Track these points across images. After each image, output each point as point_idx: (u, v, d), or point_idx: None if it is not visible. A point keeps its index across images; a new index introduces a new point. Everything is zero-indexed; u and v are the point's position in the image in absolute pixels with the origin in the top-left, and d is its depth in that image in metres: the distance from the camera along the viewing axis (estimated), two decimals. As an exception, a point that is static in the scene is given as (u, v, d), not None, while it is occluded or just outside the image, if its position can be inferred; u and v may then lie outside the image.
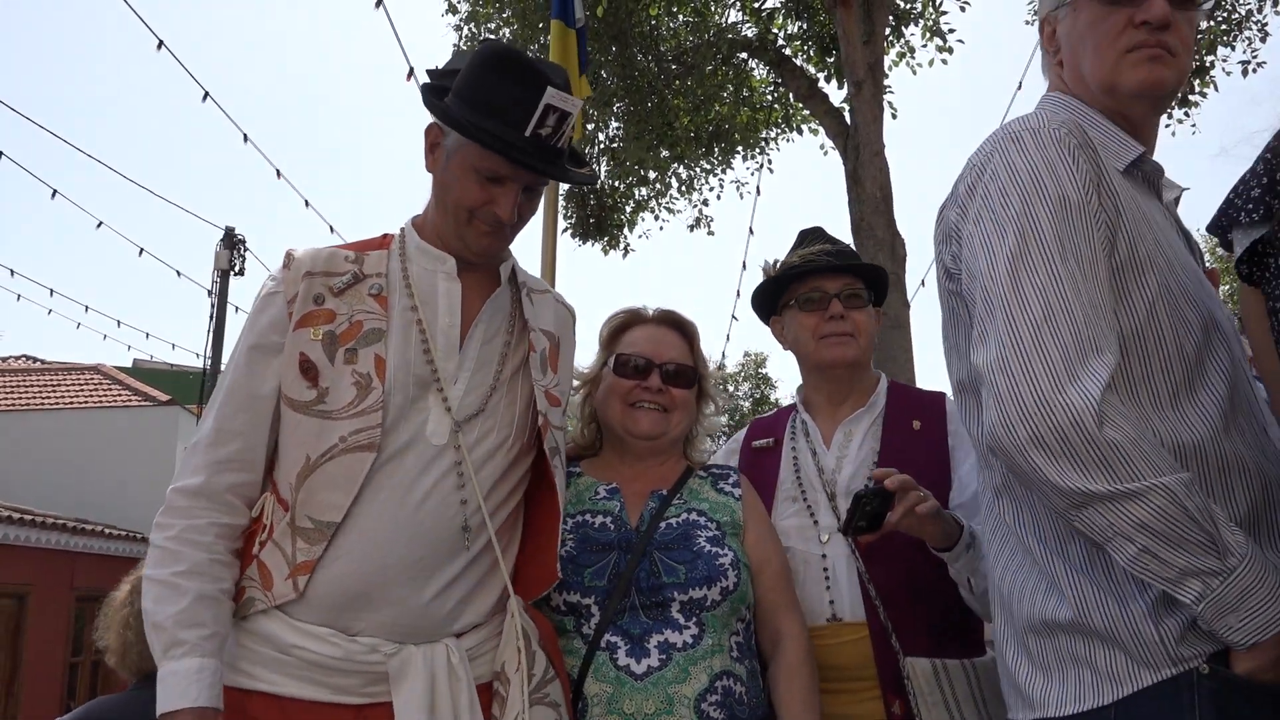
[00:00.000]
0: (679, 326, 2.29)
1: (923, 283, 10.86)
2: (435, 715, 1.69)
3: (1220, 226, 1.45)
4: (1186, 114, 11.28)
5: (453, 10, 12.35)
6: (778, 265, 2.42)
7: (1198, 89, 11.02)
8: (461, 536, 1.75)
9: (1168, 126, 11.47)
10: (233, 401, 1.78)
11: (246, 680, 1.72)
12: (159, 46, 7.62)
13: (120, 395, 21.15)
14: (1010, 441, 1.30)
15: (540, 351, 1.94)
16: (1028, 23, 11.77)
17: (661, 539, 2.06)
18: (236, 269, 17.48)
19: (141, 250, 14.45)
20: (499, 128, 1.72)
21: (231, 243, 17.61)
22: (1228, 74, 10.94)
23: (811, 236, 2.42)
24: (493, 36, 11.27)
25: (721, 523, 2.11)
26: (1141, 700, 1.34)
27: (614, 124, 12.27)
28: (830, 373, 2.35)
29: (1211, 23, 10.40)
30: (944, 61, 11.51)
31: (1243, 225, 1.40)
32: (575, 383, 2.27)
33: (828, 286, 2.32)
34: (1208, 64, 10.87)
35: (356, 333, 1.78)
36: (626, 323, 2.31)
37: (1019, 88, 10.46)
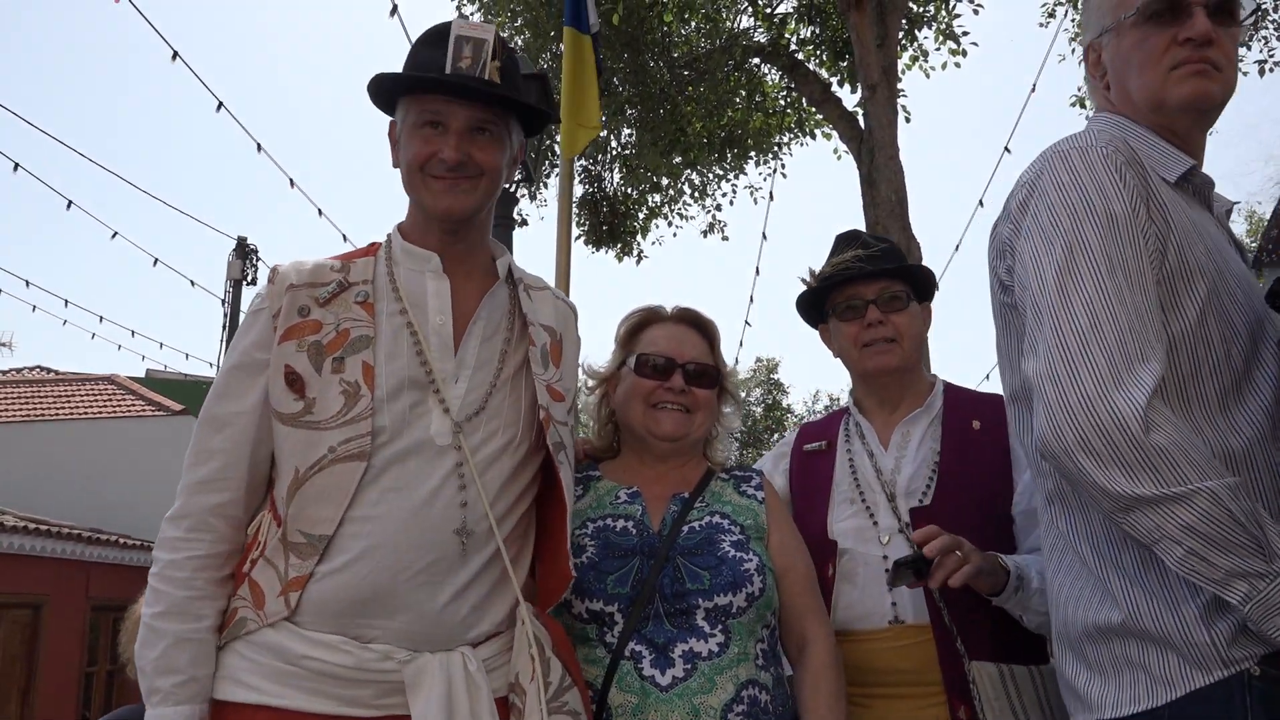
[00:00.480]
0: (698, 325, 2.24)
1: (938, 285, 10.79)
2: None
3: (1258, 261, 1.54)
4: (1203, 114, 11.17)
5: (462, 18, 12.35)
6: (815, 274, 2.39)
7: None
8: (458, 540, 1.71)
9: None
10: (211, 422, 1.77)
11: (249, 694, 1.66)
12: (174, 57, 7.62)
13: (134, 405, 21.23)
14: (1058, 445, 1.34)
15: (541, 346, 1.90)
16: (1041, 25, 11.71)
17: (685, 544, 2.01)
18: (249, 278, 17.56)
19: (156, 260, 14.46)
20: (420, 72, 1.79)
21: (244, 252, 17.69)
22: (1244, 74, 10.85)
23: (846, 241, 2.38)
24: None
25: (745, 526, 2.07)
26: (1194, 702, 1.36)
27: (626, 130, 12.26)
28: (878, 380, 2.32)
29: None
30: (957, 65, 11.49)
31: (1265, 264, 1.53)
32: (591, 382, 2.26)
33: (864, 293, 2.29)
34: (1222, 65, 10.78)
35: (343, 341, 1.75)
36: (644, 321, 2.26)
37: (1033, 90, 10.36)
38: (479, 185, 1.81)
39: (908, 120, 10.75)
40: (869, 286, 2.28)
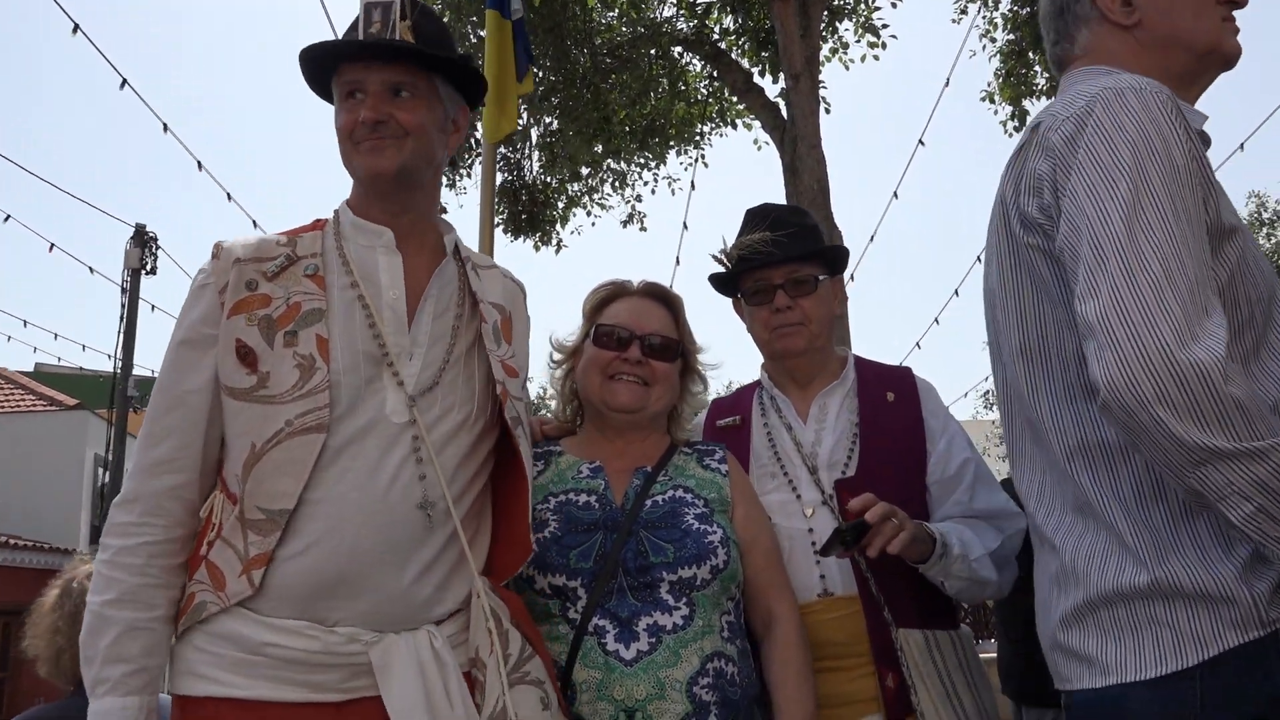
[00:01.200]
0: (664, 299, 2.22)
1: (851, 277, 10.94)
2: (430, 704, 1.63)
3: None
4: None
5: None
6: (726, 252, 2.37)
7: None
8: (423, 514, 1.69)
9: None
10: (163, 400, 1.73)
11: (210, 687, 1.62)
12: (74, 30, 7.16)
13: (24, 400, 20.21)
14: (1133, 396, 1.28)
15: (492, 323, 1.90)
16: (954, 21, 11.95)
17: (648, 517, 1.99)
18: (148, 267, 16.84)
19: (52, 246, 13.68)
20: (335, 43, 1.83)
21: (142, 240, 16.93)
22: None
23: (756, 219, 2.36)
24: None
25: (709, 499, 2.05)
26: (1228, 660, 1.34)
27: (548, 119, 12.09)
28: (788, 360, 2.33)
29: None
30: (876, 57, 11.63)
31: None
32: (557, 356, 2.25)
33: (772, 277, 2.28)
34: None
35: (295, 314, 1.73)
36: (610, 295, 2.23)
37: (946, 84, 10.57)
38: (405, 145, 1.79)
39: (828, 111, 10.83)
40: (777, 271, 2.28)
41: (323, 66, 1.83)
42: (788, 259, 2.27)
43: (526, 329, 2.03)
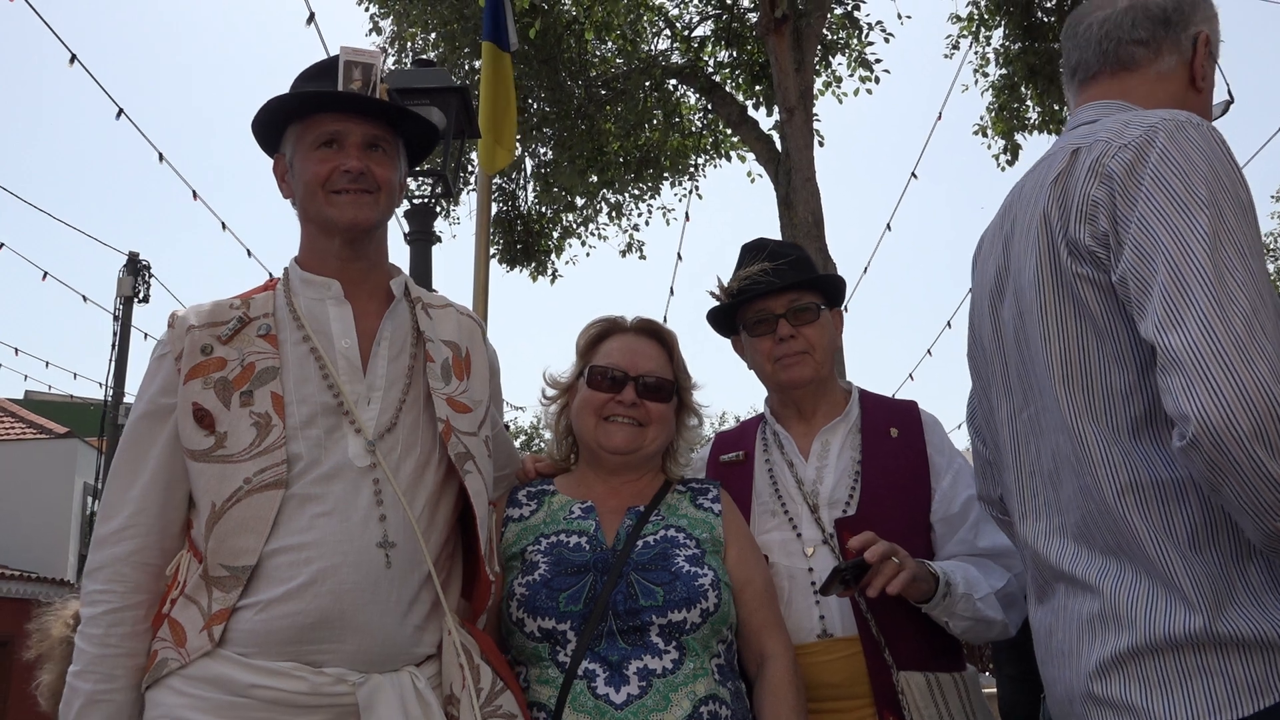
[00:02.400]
0: (658, 336, 2.19)
1: (845, 308, 10.96)
2: None
3: None
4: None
5: (377, 30, 12.11)
6: (724, 288, 2.35)
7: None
8: (382, 553, 1.72)
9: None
10: (121, 474, 1.80)
11: None
12: (71, 61, 7.18)
13: (14, 427, 20.09)
14: (1230, 433, 1.24)
15: (441, 361, 1.92)
16: (946, 56, 12.06)
17: (639, 559, 1.96)
18: (140, 295, 16.81)
19: (45, 274, 13.63)
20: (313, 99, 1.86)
21: (135, 269, 16.92)
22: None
23: (753, 253, 2.35)
24: (422, 57, 11.05)
25: (701, 540, 2.01)
26: None
27: (542, 149, 12.15)
28: (793, 392, 2.30)
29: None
30: (869, 91, 11.73)
31: None
32: (551, 392, 2.23)
33: (773, 307, 2.26)
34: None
35: (250, 374, 1.77)
36: (603, 332, 2.20)
37: (939, 118, 10.65)
38: (379, 200, 1.86)
39: (821, 144, 10.90)
40: (778, 300, 2.26)
41: (292, 114, 1.87)
42: (788, 287, 2.25)
43: (488, 362, 2.03)
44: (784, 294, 2.25)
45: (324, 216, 1.85)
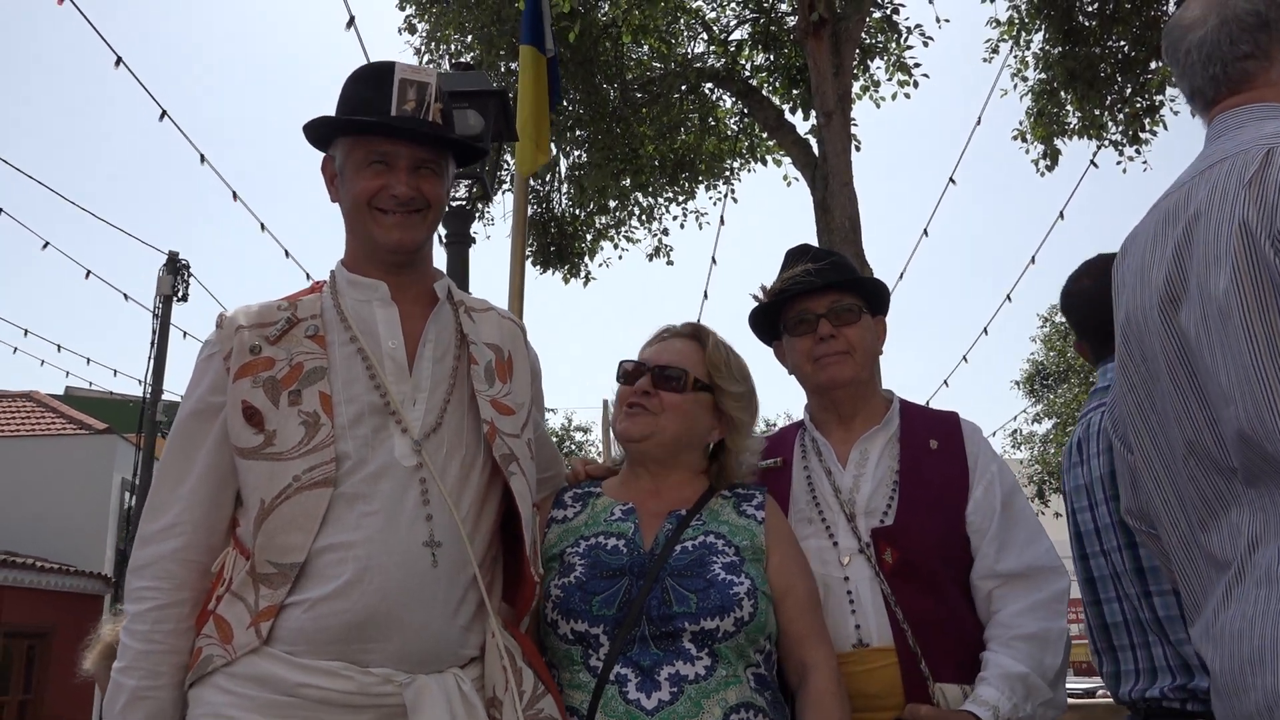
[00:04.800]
0: (694, 335, 2.19)
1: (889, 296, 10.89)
2: None
3: None
4: (1138, 151, 11.54)
5: (411, 30, 12.17)
6: (766, 291, 2.35)
7: (1148, 127, 11.26)
8: (428, 552, 1.73)
9: (1119, 163, 11.73)
10: (169, 472, 1.82)
11: None
12: (117, 63, 7.29)
13: (55, 423, 20.42)
14: None
15: (485, 364, 1.93)
16: (985, 60, 11.94)
17: (675, 564, 1.94)
18: (179, 294, 17.04)
19: (89, 273, 13.93)
20: (366, 112, 1.86)
21: (175, 268, 17.16)
22: (1175, 113, 11.25)
23: (795, 256, 2.35)
24: (461, 60, 11.08)
25: (741, 547, 1.97)
26: None
27: (576, 151, 12.16)
28: (832, 394, 2.28)
29: (1161, 63, 10.62)
30: (907, 95, 11.64)
31: None
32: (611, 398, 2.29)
33: (814, 307, 2.26)
34: (1157, 103, 11.13)
35: (298, 374, 1.79)
36: (650, 340, 2.23)
37: (978, 122, 10.55)
38: (427, 218, 1.90)
39: (858, 148, 10.83)
40: (819, 300, 2.25)
41: (347, 130, 1.88)
42: (829, 286, 2.25)
43: (529, 365, 2.05)
44: (826, 294, 2.25)
45: (370, 234, 1.88)
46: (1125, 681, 2.25)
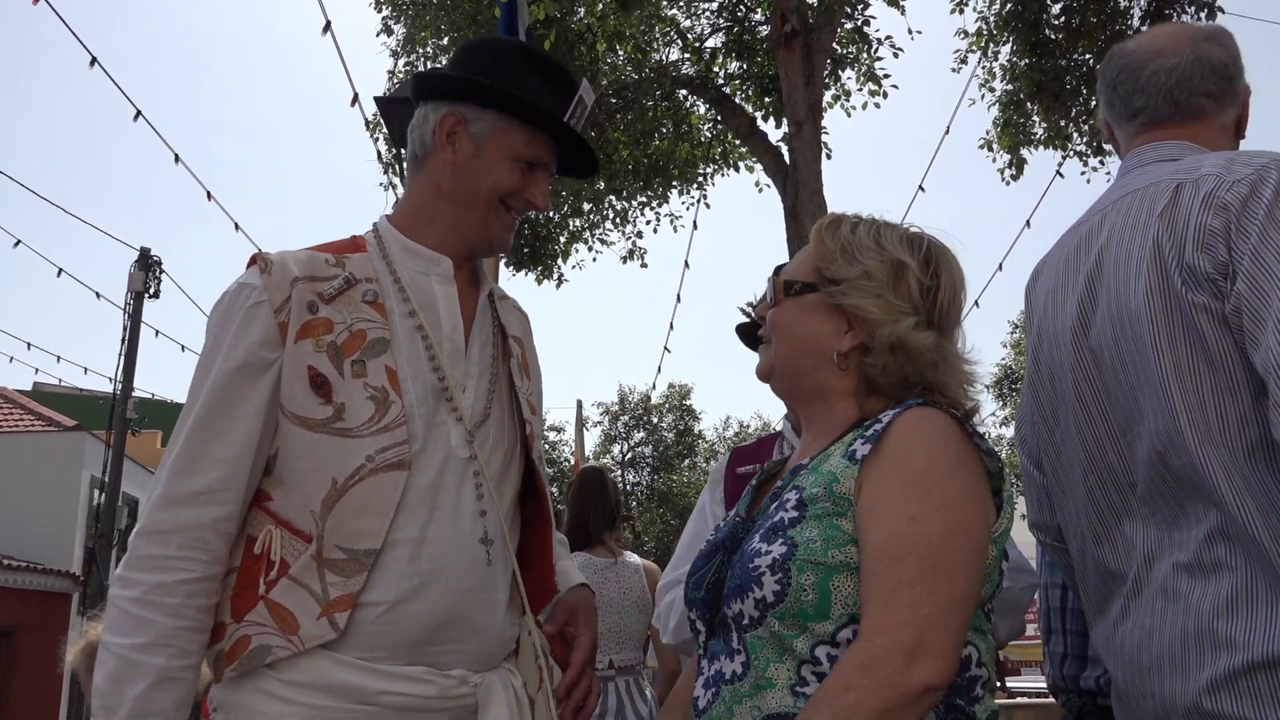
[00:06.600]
0: (813, 232, 1.68)
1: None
2: None
3: None
4: (1102, 162, 11.84)
5: (388, 31, 12.22)
6: (754, 304, 2.47)
7: (1114, 139, 11.51)
8: (484, 550, 1.64)
9: (1084, 174, 12.01)
10: (207, 428, 1.56)
11: None
12: (92, 63, 7.32)
13: (22, 420, 20.21)
14: None
15: (516, 357, 1.84)
16: (954, 70, 12.16)
17: (754, 534, 1.53)
18: (151, 291, 16.96)
19: (60, 271, 13.91)
20: (544, 105, 1.70)
21: (146, 264, 17.07)
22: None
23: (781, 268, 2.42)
24: (432, 62, 11.14)
25: (810, 498, 1.43)
26: None
27: (551, 155, 12.22)
28: None
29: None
30: (877, 105, 11.82)
31: None
32: None
33: None
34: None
35: (360, 343, 1.62)
36: None
37: (947, 131, 10.77)
38: None
39: (829, 157, 11.00)
40: None
41: (507, 103, 1.69)
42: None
43: (537, 364, 1.95)
44: None
45: (485, 226, 1.73)
46: (1057, 664, 2.36)
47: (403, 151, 7.65)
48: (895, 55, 11.39)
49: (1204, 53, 1.75)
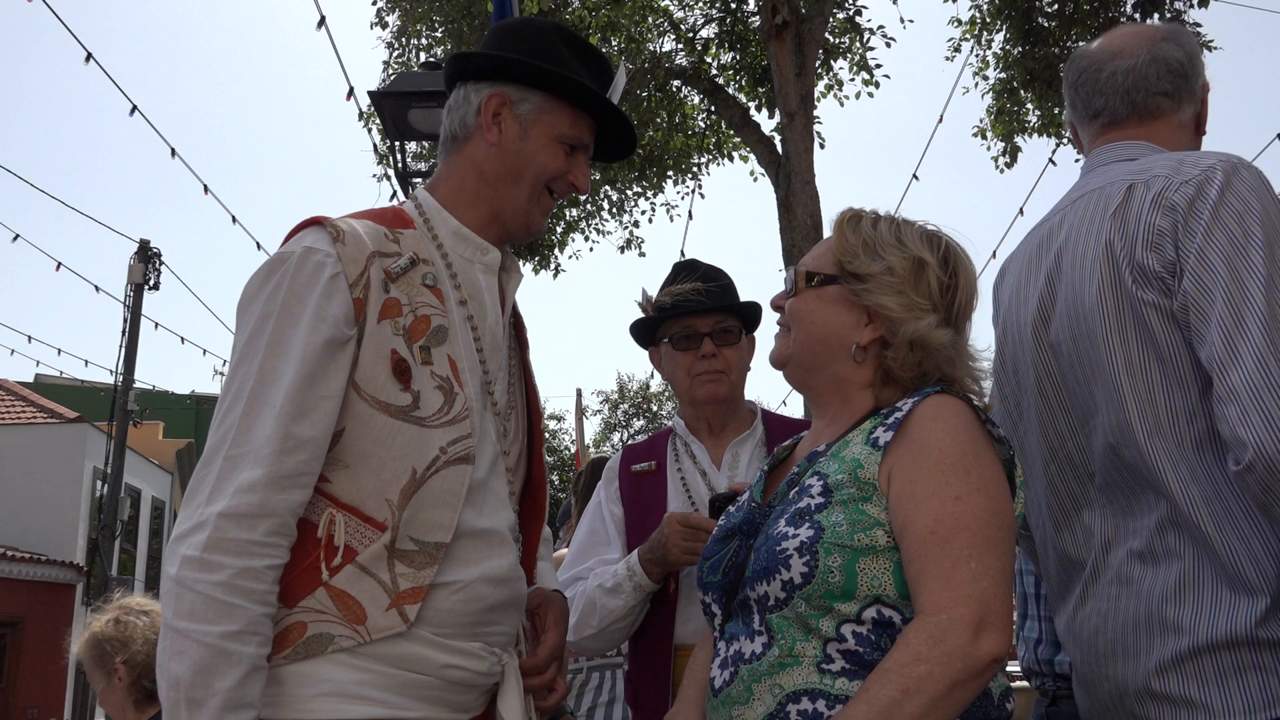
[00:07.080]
0: (837, 222, 1.72)
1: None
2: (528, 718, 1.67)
3: None
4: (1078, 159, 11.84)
5: (382, 25, 12.26)
6: (653, 300, 2.49)
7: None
8: (512, 538, 1.69)
9: (1077, 161, 11.93)
10: (300, 403, 1.46)
11: (368, 708, 1.47)
12: (87, 59, 7.39)
13: (24, 412, 20.32)
14: None
15: (529, 348, 1.87)
16: (947, 59, 12.19)
17: (774, 518, 1.58)
18: (150, 283, 17.03)
19: (59, 265, 14.04)
20: (589, 83, 1.66)
21: (146, 255, 17.13)
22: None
23: (685, 272, 2.48)
24: (429, 59, 11.18)
25: (836, 483, 1.50)
26: None
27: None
28: (706, 407, 2.44)
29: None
30: (870, 95, 11.85)
31: None
32: None
33: (699, 325, 2.38)
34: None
35: (424, 329, 1.56)
36: None
37: (940, 120, 10.80)
38: None
39: (822, 146, 11.05)
40: (705, 320, 2.38)
41: (561, 88, 1.66)
42: (716, 309, 2.39)
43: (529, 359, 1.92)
44: (711, 314, 2.38)
45: (526, 211, 1.69)
46: (1031, 648, 2.43)
47: (396, 145, 7.69)
48: (888, 45, 11.43)
49: (1160, 53, 1.80)
